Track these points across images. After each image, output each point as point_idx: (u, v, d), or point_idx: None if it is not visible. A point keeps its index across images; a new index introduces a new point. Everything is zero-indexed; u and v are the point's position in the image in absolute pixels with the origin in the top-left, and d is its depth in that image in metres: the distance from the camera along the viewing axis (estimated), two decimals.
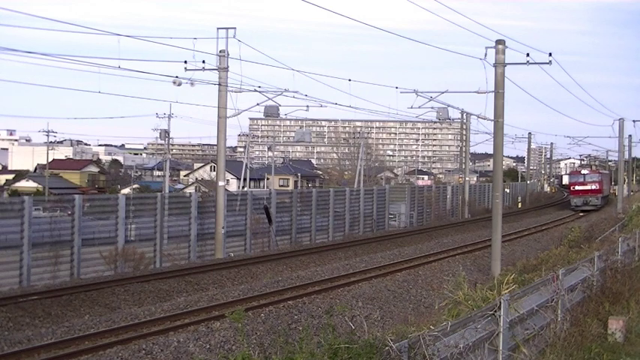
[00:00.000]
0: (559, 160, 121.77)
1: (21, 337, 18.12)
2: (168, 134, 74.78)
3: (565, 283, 14.92)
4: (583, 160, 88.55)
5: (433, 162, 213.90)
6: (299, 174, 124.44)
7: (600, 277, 17.81)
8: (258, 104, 38.01)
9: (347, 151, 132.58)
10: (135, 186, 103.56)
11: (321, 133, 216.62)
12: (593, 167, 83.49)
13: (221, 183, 34.51)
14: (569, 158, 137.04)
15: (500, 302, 11.18)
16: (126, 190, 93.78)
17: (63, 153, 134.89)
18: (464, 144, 71.11)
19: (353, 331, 9.57)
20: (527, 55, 28.79)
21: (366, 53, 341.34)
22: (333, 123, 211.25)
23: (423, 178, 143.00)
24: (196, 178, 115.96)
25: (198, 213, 33.77)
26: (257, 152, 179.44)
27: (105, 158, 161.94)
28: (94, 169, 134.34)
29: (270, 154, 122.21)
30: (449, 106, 39.38)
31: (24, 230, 25.54)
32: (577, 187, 73.67)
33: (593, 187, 73.07)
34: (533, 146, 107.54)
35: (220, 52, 33.72)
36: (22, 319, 20.14)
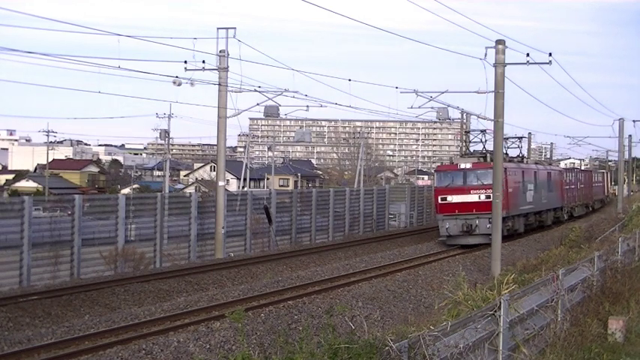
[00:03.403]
0: (559, 160, 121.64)
1: (21, 337, 18.12)
2: (168, 134, 74.80)
3: (565, 283, 14.93)
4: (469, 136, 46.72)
5: (433, 162, 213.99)
6: (299, 174, 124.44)
7: (600, 277, 17.82)
8: (258, 104, 38.01)
9: (347, 151, 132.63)
10: (135, 186, 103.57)
11: (321, 133, 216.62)
12: (489, 158, 37.72)
13: (221, 183, 34.50)
14: (569, 158, 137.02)
15: (500, 302, 11.19)
16: (126, 190, 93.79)
17: (63, 153, 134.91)
18: (464, 144, 71.09)
19: (353, 331, 9.58)
20: (527, 55, 28.84)
21: (366, 53, 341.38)
22: (333, 123, 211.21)
23: (423, 178, 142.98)
24: (196, 178, 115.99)
25: (198, 213, 33.77)
26: (257, 152, 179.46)
27: (105, 158, 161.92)
28: (94, 169, 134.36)
29: (270, 154, 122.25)
30: (449, 106, 39.40)
31: (24, 230, 25.53)
32: (449, 198, 37.67)
33: (483, 196, 36.83)
34: (533, 146, 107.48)
35: (220, 52, 33.71)
36: (22, 319, 20.14)
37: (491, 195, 34.67)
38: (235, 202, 36.89)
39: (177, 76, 33.31)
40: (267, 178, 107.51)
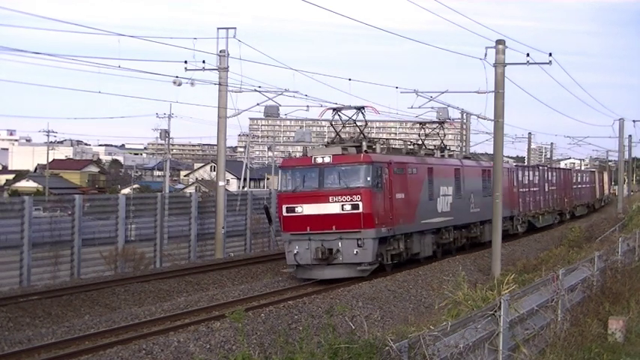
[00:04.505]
0: (559, 160, 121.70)
1: (21, 337, 18.13)
2: (169, 134, 74.87)
3: (565, 283, 14.94)
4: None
5: None
6: None
7: (600, 277, 17.84)
8: (258, 104, 38.00)
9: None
10: (135, 186, 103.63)
11: (321, 133, 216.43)
12: (365, 146, 26.40)
13: (221, 183, 34.51)
14: (569, 158, 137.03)
15: (500, 302, 11.20)
16: (126, 190, 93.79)
17: (63, 153, 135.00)
18: (464, 144, 71.11)
19: (353, 331, 9.60)
20: (528, 55, 28.85)
21: (366, 53, 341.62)
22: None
23: None
24: (196, 178, 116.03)
25: (198, 213, 33.76)
26: (257, 152, 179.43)
27: (105, 158, 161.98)
28: (94, 169, 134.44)
29: (270, 154, 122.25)
30: (449, 106, 39.46)
31: (24, 230, 25.53)
32: (298, 209, 25.45)
33: (348, 206, 25.03)
34: (533, 146, 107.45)
35: (220, 52, 33.73)
36: (22, 319, 20.14)
37: (359, 204, 24.74)
38: (235, 202, 36.90)
39: (177, 76, 33.40)
40: (267, 178, 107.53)
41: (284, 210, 25.67)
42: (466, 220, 34.36)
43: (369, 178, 25.23)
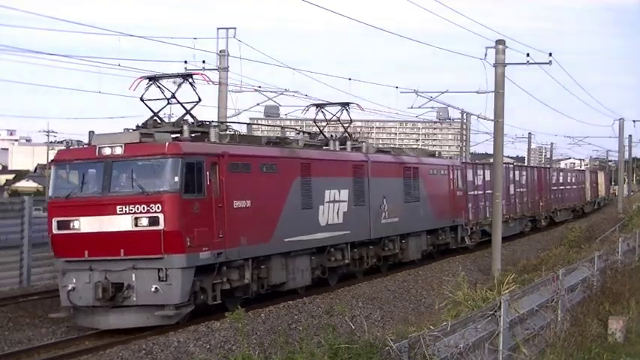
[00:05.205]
0: (559, 160, 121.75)
1: (21, 337, 18.12)
2: None
3: (565, 283, 14.95)
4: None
5: None
6: None
7: (600, 277, 17.87)
8: (258, 104, 37.99)
9: None
10: None
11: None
12: (187, 131, 19.13)
13: None
14: (569, 158, 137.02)
15: (500, 302, 11.20)
16: None
17: None
18: (464, 144, 71.11)
19: (353, 331, 9.60)
20: (528, 55, 28.87)
21: (366, 53, 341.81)
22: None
23: None
24: None
25: None
26: None
27: None
28: None
29: None
30: (449, 106, 39.65)
31: (24, 230, 25.53)
32: (74, 224, 17.99)
33: (145, 220, 17.29)
34: (533, 146, 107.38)
35: (220, 52, 33.72)
36: (22, 319, 20.13)
37: (160, 217, 17.10)
38: None
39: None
40: None
41: (54, 225, 18.40)
42: (374, 235, 26.13)
43: (176, 179, 17.37)
